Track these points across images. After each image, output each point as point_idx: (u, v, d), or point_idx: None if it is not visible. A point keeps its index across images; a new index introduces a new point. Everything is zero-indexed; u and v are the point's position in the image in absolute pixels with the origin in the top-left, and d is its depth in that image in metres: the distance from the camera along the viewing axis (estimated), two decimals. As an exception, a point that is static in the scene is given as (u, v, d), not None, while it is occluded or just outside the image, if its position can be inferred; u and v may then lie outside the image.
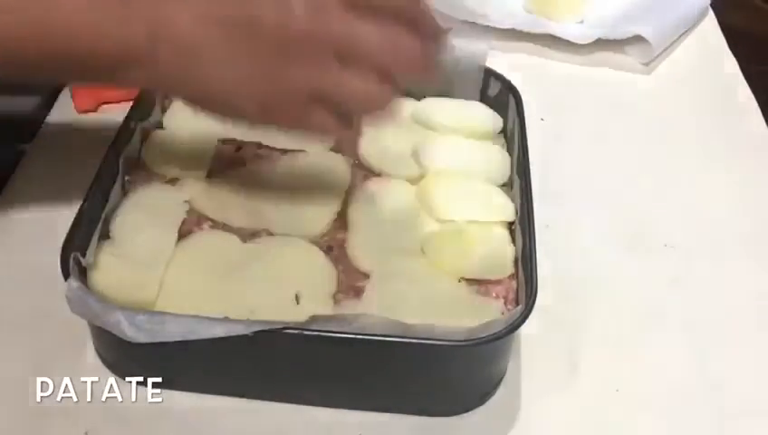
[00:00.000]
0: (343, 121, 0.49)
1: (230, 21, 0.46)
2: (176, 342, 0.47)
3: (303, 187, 0.60)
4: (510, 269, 0.55)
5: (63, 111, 0.71)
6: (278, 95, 0.48)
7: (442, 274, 0.55)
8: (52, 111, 0.71)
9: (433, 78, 0.50)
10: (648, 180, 0.70)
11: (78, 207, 0.53)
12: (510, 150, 0.64)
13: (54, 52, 0.48)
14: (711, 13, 0.88)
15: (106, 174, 0.57)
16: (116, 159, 0.58)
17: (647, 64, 0.81)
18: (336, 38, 0.47)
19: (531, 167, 0.59)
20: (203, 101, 0.50)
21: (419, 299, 0.53)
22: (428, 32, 0.49)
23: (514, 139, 0.63)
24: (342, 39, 0.47)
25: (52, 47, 0.47)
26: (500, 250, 0.57)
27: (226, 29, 0.46)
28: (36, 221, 0.61)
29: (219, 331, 0.47)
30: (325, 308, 0.52)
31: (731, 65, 0.83)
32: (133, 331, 0.47)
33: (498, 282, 0.55)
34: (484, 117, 0.66)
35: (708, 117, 0.77)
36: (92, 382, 0.52)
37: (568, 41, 0.81)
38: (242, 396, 0.52)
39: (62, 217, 0.53)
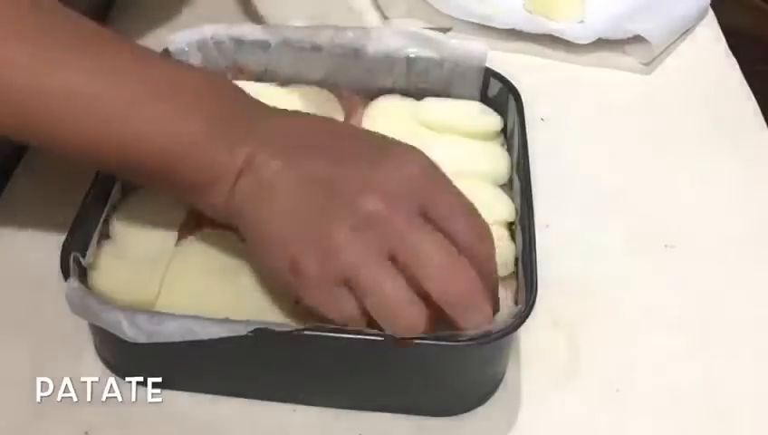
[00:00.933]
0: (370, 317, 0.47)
1: (312, 179, 0.47)
2: (176, 342, 0.47)
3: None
4: (510, 268, 0.56)
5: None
6: (314, 264, 0.46)
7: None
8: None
9: (473, 323, 0.47)
10: (648, 180, 0.70)
11: (78, 207, 0.53)
12: (510, 150, 0.64)
13: (139, 160, 0.48)
14: (711, 13, 0.88)
15: (106, 174, 0.57)
16: (116, 159, 0.58)
17: (647, 64, 0.81)
18: (398, 236, 0.45)
19: (531, 167, 0.59)
20: (253, 237, 0.49)
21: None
22: (487, 278, 0.48)
23: (514, 139, 0.63)
24: (404, 241, 0.45)
25: (138, 156, 0.48)
26: (500, 248, 0.56)
27: (305, 185, 0.47)
28: (36, 221, 0.61)
29: (219, 331, 0.47)
30: None
31: (731, 65, 0.83)
32: (133, 331, 0.47)
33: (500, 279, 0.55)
34: (484, 117, 0.66)
35: (708, 117, 0.76)
36: (92, 382, 0.53)
37: (568, 41, 0.81)
38: (242, 396, 0.52)
39: (62, 217, 0.53)
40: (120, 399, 0.52)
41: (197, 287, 0.53)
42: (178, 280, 0.54)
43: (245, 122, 0.49)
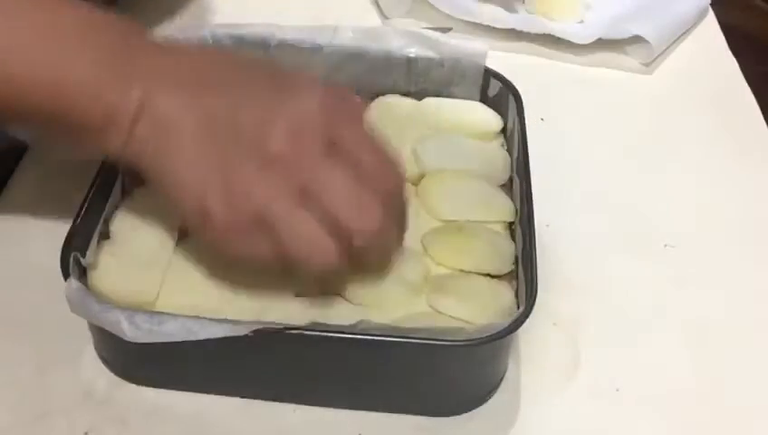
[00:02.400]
0: (283, 259, 0.46)
1: (213, 119, 0.46)
2: (176, 342, 0.47)
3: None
4: (510, 266, 0.56)
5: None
6: (223, 208, 0.46)
7: (444, 270, 0.55)
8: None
9: (382, 254, 0.48)
10: (648, 180, 0.70)
11: (78, 207, 0.53)
12: (510, 150, 0.64)
13: (41, 103, 0.47)
14: (711, 13, 0.88)
15: (106, 174, 0.57)
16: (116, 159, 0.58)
17: (647, 65, 0.81)
18: (305, 172, 0.46)
19: (531, 167, 0.59)
20: (157, 185, 0.48)
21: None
22: (396, 208, 0.49)
23: (514, 139, 0.63)
24: (311, 176, 0.46)
25: (41, 99, 0.47)
26: (500, 247, 0.57)
27: (207, 125, 0.46)
28: (36, 221, 0.61)
29: (219, 331, 0.47)
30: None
31: (731, 65, 0.83)
32: (133, 331, 0.47)
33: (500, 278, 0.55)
34: (484, 117, 0.66)
35: (708, 117, 0.77)
36: (92, 382, 0.53)
37: (568, 41, 0.81)
38: (242, 396, 0.52)
39: (62, 217, 0.53)
40: (119, 399, 0.52)
41: (197, 287, 0.53)
42: (178, 280, 0.54)
43: (136, 60, 0.47)
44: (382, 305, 0.53)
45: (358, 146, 0.48)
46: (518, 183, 0.59)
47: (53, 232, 0.52)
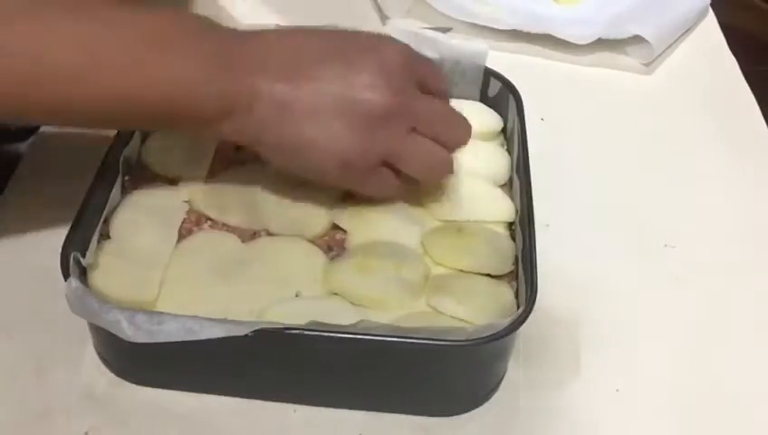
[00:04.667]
0: (407, 183, 0.57)
1: (322, 89, 0.53)
2: (175, 342, 0.47)
3: (303, 186, 0.60)
4: (510, 266, 0.56)
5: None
6: (359, 156, 0.54)
7: (444, 270, 0.56)
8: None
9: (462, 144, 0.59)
10: (648, 180, 0.70)
11: (78, 207, 0.53)
12: (510, 150, 0.64)
13: (155, 106, 0.51)
14: (711, 13, 0.88)
15: (106, 174, 0.57)
16: (116, 160, 0.58)
17: (647, 65, 0.81)
18: (411, 114, 0.55)
19: (531, 166, 0.59)
20: (290, 152, 0.54)
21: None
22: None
23: (514, 139, 0.63)
24: (415, 113, 0.55)
25: (153, 103, 0.51)
26: (500, 246, 0.57)
27: (320, 96, 0.53)
28: (36, 221, 0.61)
29: (219, 331, 0.47)
30: None
31: (731, 65, 0.83)
32: (133, 331, 0.47)
33: (500, 278, 0.55)
34: (485, 117, 0.66)
35: (708, 117, 0.77)
36: (92, 382, 0.53)
37: (568, 41, 0.81)
38: (242, 396, 0.52)
39: (62, 217, 0.53)
40: (119, 399, 0.52)
41: (197, 287, 0.53)
42: (178, 280, 0.54)
43: (236, 52, 0.53)
44: (382, 305, 0.53)
45: (436, 82, 0.58)
46: (518, 183, 0.59)
47: (53, 232, 0.52)
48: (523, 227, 0.55)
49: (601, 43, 0.81)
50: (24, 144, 0.69)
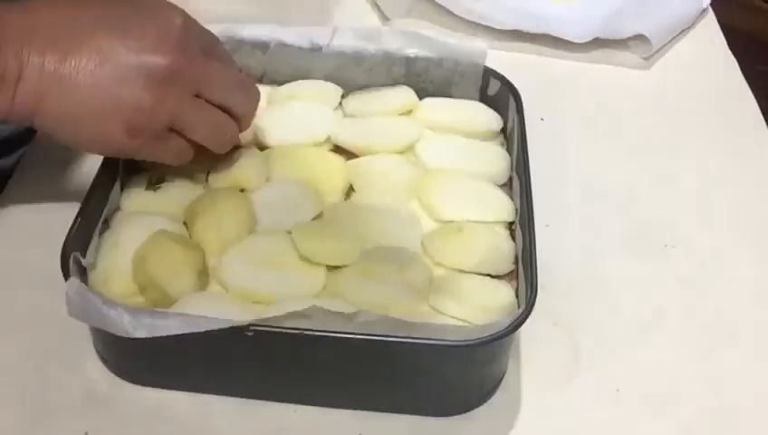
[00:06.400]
0: (195, 147, 0.56)
1: (97, 56, 0.51)
2: (176, 342, 0.47)
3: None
4: (510, 266, 0.56)
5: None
6: (144, 120, 0.53)
7: (444, 270, 0.56)
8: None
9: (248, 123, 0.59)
10: (649, 180, 0.70)
11: (78, 207, 0.53)
12: (510, 150, 0.64)
13: None
14: (711, 12, 0.88)
15: (106, 174, 0.57)
16: (116, 160, 0.58)
17: (647, 58, 0.81)
18: (194, 76, 0.54)
19: (531, 166, 0.59)
20: (73, 123, 0.53)
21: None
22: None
23: (514, 138, 0.63)
24: (197, 77, 0.54)
25: None
26: (500, 246, 0.57)
27: (96, 63, 0.51)
28: (36, 221, 0.61)
29: (219, 325, 0.46)
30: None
31: (731, 65, 0.83)
32: (133, 326, 0.47)
33: (500, 278, 0.55)
34: (484, 117, 0.66)
35: (708, 117, 0.77)
36: (92, 382, 0.53)
37: (567, 40, 0.81)
38: (242, 396, 0.52)
39: (62, 217, 0.53)
40: (119, 399, 0.52)
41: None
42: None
43: (3, 21, 0.51)
44: (388, 311, 0.52)
45: (218, 46, 0.59)
46: (518, 183, 0.59)
47: (53, 232, 0.52)
48: (523, 226, 0.55)
49: (600, 42, 0.81)
50: (24, 145, 0.69)
